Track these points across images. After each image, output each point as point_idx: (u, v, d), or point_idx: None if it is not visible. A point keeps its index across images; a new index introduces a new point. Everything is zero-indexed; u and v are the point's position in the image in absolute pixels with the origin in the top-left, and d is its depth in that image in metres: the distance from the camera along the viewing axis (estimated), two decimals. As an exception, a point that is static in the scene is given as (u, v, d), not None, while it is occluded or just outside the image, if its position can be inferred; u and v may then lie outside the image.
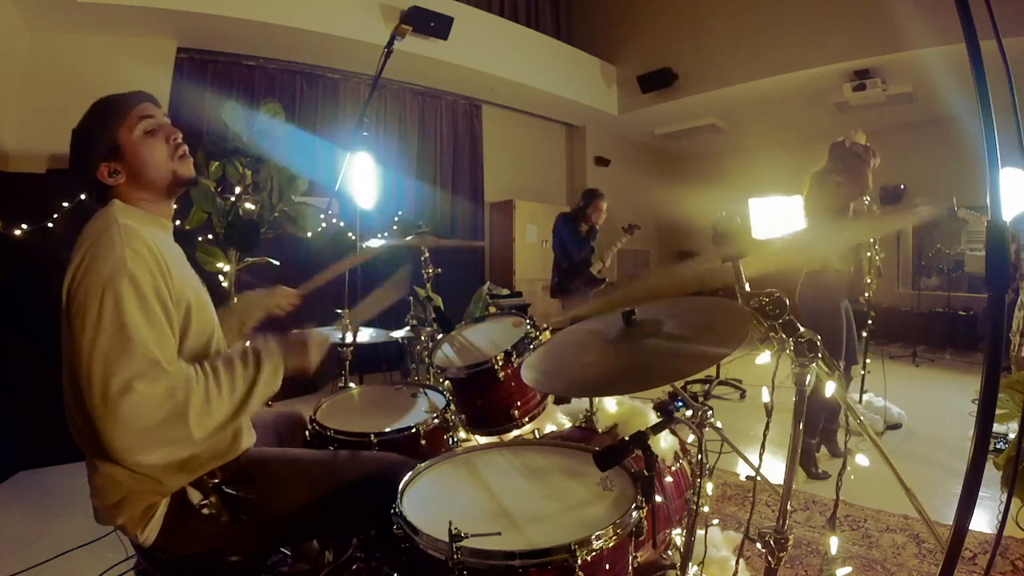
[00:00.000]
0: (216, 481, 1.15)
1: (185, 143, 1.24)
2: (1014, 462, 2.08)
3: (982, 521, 2.24)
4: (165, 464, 1.03)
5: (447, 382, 1.75)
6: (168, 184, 1.20)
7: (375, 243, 2.55)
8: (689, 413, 1.27)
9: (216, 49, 4.92)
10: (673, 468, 1.55)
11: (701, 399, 3.88)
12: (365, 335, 2.51)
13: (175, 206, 1.29)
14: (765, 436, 1.11)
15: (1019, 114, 0.79)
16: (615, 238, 4.42)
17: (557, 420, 2.00)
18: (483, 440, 1.67)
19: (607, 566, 0.97)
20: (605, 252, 4.26)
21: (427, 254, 2.46)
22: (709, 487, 1.66)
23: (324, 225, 3.79)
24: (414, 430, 1.56)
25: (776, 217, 4.20)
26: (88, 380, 0.93)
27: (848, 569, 1.73)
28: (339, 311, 2.35)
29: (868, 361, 3.58)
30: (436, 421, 1.62)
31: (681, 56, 6.73)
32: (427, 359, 1.92)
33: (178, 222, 1.62)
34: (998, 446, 2.70)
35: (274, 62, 5.28)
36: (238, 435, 1.24)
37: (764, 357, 1.12)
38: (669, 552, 1.49)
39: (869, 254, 3.14)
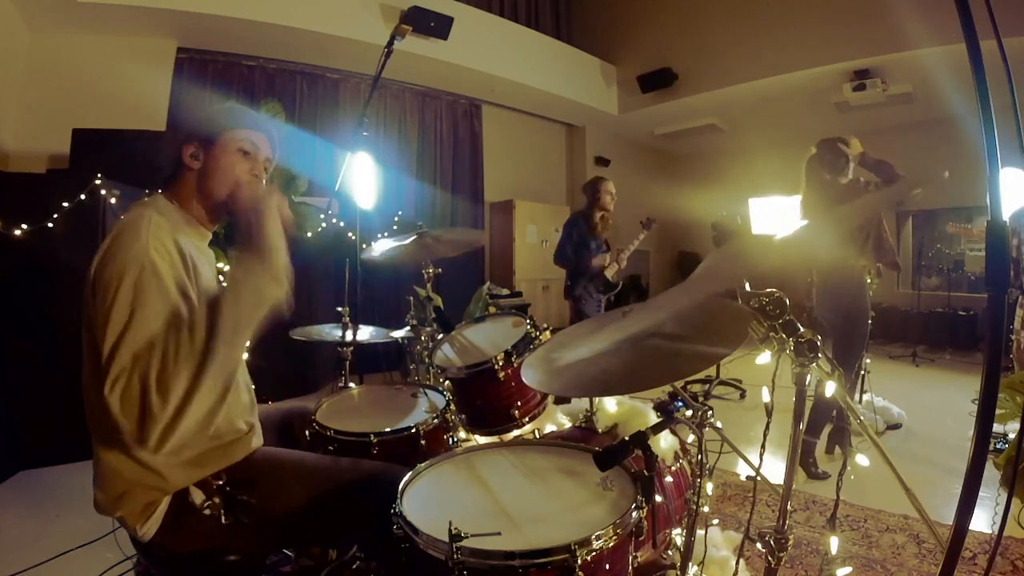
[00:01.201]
0: (220, 483, 1.14)
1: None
2: (1014, 462, 2.08)
3: (982, 521, 2.24)
4: (171, 460, 1.03)
5: (447, 382, 1.74)
6: (219, 203, 1.23)
7: (380, 245, 2.54)
8: (689, 413, 1.27)
9: (216, 49, 4.92)
10: (673, 468, 1.56)
11: (701, 399, 3.87)
12: (365, 335, 2.51)
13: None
14: (765, 436, 1.10)
15: (1019, 114, 0.79)
16: (631, 236, 4.27)
17: (557, 420, 2.00)
18: (483, 440, 1.67)
19: (607, 566, 0.97)
20: (620, 254, 4.08)
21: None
22: (709, 487, 1.66)
23: (324, 225, 3.79)
24: (414, 430, 1.56)
25: (776, 217, 4.19)
26: (100, 361, 0.94)
27: (848, 569, 1.73)
28: (339, 309, 2.35)
29: (868, 361, 3.58)
30: (436, 421, 1.62)
31: (681, 56, 6.73)
32: (427, 359, 1.92)
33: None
34: (998, 446, 2.70)
35: (274, 62, 5.28)
36: (249, 434, 1.24)
37: (764, 357, 1.12)
38: (669, 552, 1.49)
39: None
